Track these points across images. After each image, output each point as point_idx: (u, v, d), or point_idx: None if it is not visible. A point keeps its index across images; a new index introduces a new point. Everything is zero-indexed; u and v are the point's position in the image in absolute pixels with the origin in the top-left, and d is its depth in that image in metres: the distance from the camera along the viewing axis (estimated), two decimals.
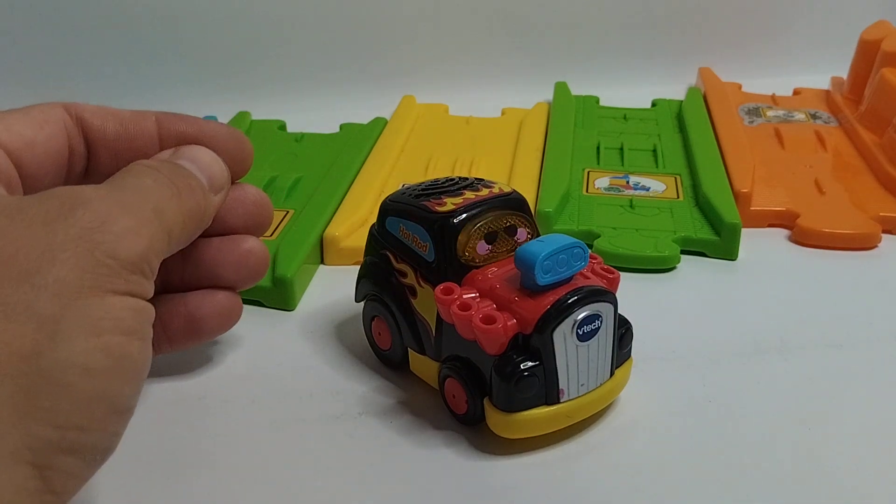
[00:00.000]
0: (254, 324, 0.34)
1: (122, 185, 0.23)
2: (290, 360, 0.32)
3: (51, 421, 0.19)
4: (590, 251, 0.27)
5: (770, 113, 0.54)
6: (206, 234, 0.28)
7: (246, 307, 0.35)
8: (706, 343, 0.33)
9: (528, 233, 0.28)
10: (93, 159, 0.27)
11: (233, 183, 0.29)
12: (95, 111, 0.27)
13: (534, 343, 0.25)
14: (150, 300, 0.22)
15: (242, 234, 0.29)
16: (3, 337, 0.18)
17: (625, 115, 0.54)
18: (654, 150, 0.48)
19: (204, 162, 0.27)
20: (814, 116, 0.54)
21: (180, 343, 0.29)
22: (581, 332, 0.25)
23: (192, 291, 0.29)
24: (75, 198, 0.21)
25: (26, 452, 0.18)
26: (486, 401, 0.26)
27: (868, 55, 0.54)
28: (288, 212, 0.41)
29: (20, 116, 0.25)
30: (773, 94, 0.58)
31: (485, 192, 0.28)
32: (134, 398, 0.21)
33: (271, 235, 0.38)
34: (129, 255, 0.21)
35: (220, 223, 0.29)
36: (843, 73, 0.58)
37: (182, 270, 0.29)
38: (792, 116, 0.54)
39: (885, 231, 0.41)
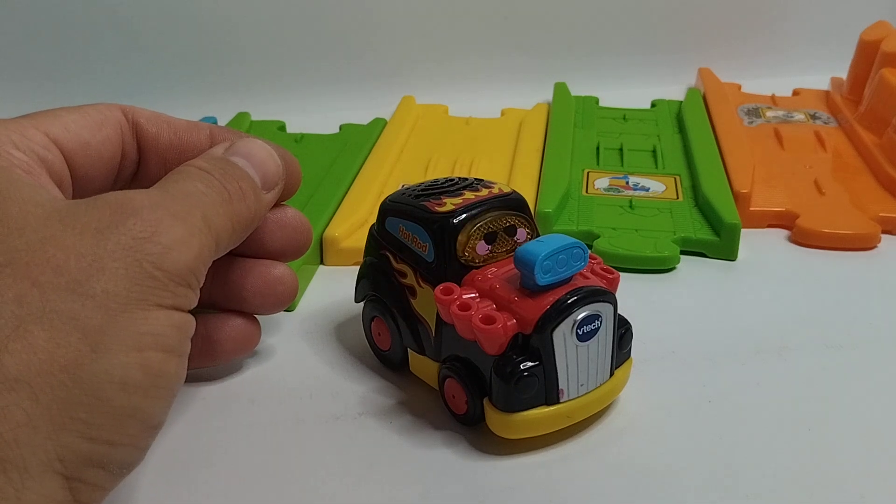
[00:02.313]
0: None
1: (172, 190, 0.23)
2: (289, 361, 0.32)
3: (84, 433, 0.18)
4: (589, 251, 0.27)
5: (769, 113, 0.54)
6: (240, 253, 0.28)
7: None
8: (706, 343, 0.33)
9: (528, 233, 0.28)
10: (143, 165, 0.27)
11: (276, 205, 0.28)
12: (151, 118, 0.27)
13: (533, 343, 0.25)
14: None
15: (278, 257, 0.29)
16: (47, 346, 0.18)
17: (624, 115, 0.54)
18: (654, 151, 0.48)
19: (258, 158, 0.26)
20: (813, 117, 0.54)
21: (193, 363, 0.28)
22: (581, 333, 0.25)
23: (212, 313, 0.29)
24: (127, 205, 0.21)
25: (57, 463, 0.18)
26: (485, 401, 0.26)
27: (868, 56, 0.54)
28: None
29: (78, 117, 0.25)
30: (773, 94, 0.58)
31: (484, 192, 0.28)
32: (165, 414, 0.21)
33: None
34: (177, 266, 0.21)
35: (256, 244, 0.28)
36: (843, 74, 0.58)
37: (209, 287, 0.28)
38: (791, 117, 0.54)
39: (884, 231, 0.41)
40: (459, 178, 0.30)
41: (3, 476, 0.17)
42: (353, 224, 0.39)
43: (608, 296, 0.26)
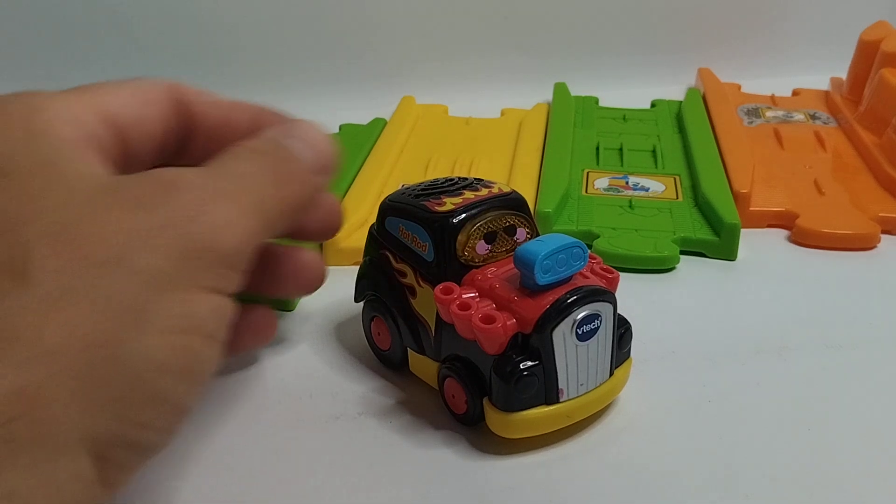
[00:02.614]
0: None
1: (223, 170, 0.22)
2: (289, 361, 0.32)
3: (117, 413, 0.18)
4: (589, 251, 0.27)
5: (769, 113, 0.54)
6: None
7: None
8: (705, 343, 0.33)
9: (528, 233, 0.28)
10: (188, 142, 0.26)
11: None
12: (199, 95, 0.26)
13: (533, 343, 0.25)
14: None
15: (310, 238, 0.29)
16: (86, 321, 0.18)
17: (624, 115, 0.54)
18: (654, 151, 0.48)
19: (314, 141, 0.25)
20: (813, 117, 0.54)
21: None
22: (580, 332, 0.25)
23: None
24: (174, 181, 0.20)
25: (88, 441, 0.18)
26: (485, 401, 0.26)
27: (867, 56, 0.54)
28: None
29: (129, 93, 0.24)
30: (773, 94, 0.58)
31: (484, 192, 0.28)
32: (196, 399, 0.20)
33: None
34: (224, 247, 0.20)
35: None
36: (843, 74, 0.58)
37: None
38: (791, 117, 0.54)
39: (884, 231, 0.41)
40: (459, 178, 0.30)
41: (35, 450, 0.17)
42: (352, 224, 0.39)
43: (608, 295, 0.26)
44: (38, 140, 0.21)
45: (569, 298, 0.25)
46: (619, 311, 0.27)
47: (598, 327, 0.26)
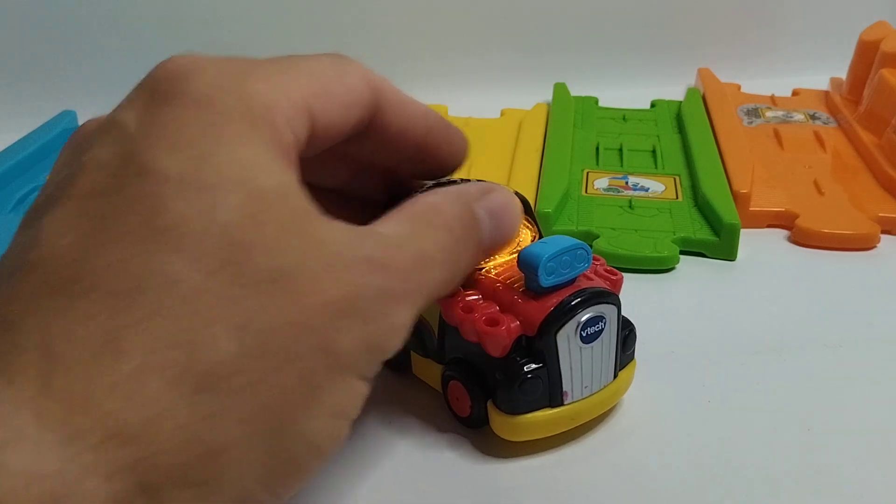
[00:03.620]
0: None
1: (409, 247, 0.21)
2: None
3: (266, 483, 0.18)
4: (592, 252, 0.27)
5: (769, 114, 0.54)
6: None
7: None
8: (706, 343, 0.33)
9: (532, 234, 0.29)
10: (364, 138, 0.24)
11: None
12: (396, 107, 0.24)
13: (537, 345, 0.25)
14: None
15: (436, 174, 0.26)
16: (276, 394, 0.18)
17: (624, 115, 0.54)
18: (654, 151, 0.48)
19: (506, 222, 0.24)
20: (813, 117, 0.54)
21: None
22: (585, 334, 0.25)
23: None
24: (384, 268, 0.19)
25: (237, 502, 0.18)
26: (489, 403, 0.26)
27: (867, 56, 0.54)
28: None
29: (338, 93, 0.21)
30: (773, 94, 0.58)
31: None
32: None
33: None
34: (392, 349, 0.20)
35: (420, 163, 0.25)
36: (843, 74, 0.58)
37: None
38: (791, 117, 0.54)
39: (884, 231, 0.41)
40: (461, 180, 0.30)
41: (200, 492, 0.17)
42: None
43: (612, 297, 0.26)
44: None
45: (573, 300, 0.25)
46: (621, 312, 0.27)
47: (603, 329, 0.26)
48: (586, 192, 0.43)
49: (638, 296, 0.35)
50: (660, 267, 0.38)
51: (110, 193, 0.18)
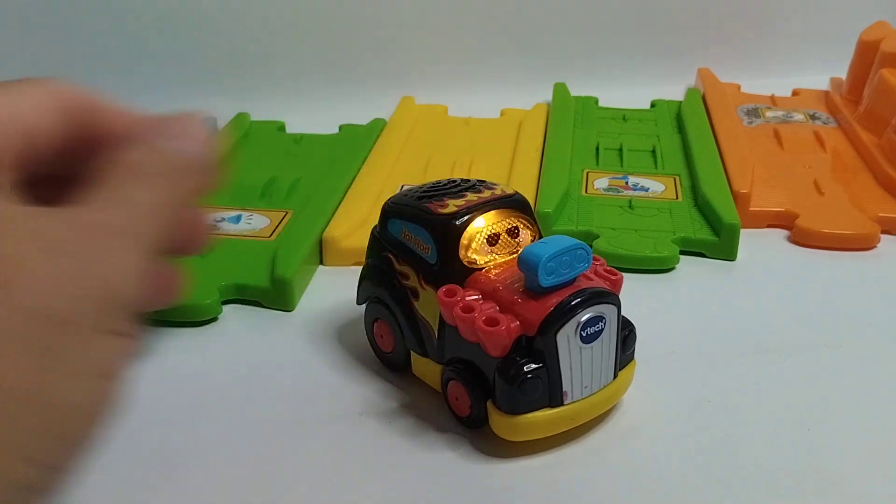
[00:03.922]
0: (253, 324, 0.34)
1: (122, 202, 0.21)
2: (289, 361, 0.32)
3: (33, 459, 0.18)
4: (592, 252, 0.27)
5: (769, 114, 0.54)
6: None
7: (245, 307, 0.35)
8: (706, 343, 0.33)
9: (531, 234, 0.28)
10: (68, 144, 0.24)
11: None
12: (86, 104, 0.24)
13: (537, 345, 0.25)
14: None
15: (179, 254, 0.27)
16: (7, 369, 0.18)
17: (624, 115, 0.54)
18: (654, 151, 0.48)
19: (198, 139, 0.24)
20: (813, 117, 0.54)
21: None
22: (585, 334, 0.25)
23: None
24: (87, 225, 0.20)
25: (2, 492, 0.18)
26: (489, 403, 0.26)
27: (867, 56, 0.54)
28: (287, 212, 0.41)
29: (30, 97, 0.23)
30: (772, 94, 0.58)
31: (487, 193, 0.28)
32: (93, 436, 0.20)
33: (270, 236, 0.38)
34: (133, 295, 0.20)
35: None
36: (842, 74, 0.58)
37: None
38: (791, 117, 0.54)
39: (883, 231, 0.41)
40: (462, 180, 0.30)
41: None
42: (352, 224, 0.39)
43: (612, 297, 0.26)
44: None
45: (573, 301, 0.25)
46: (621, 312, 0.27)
47: (603, 329, 0.26)
48: (586, 192, 0.43)
49: (638, 296, 0.35)
50: (660, 267, 0.38)
51: None
